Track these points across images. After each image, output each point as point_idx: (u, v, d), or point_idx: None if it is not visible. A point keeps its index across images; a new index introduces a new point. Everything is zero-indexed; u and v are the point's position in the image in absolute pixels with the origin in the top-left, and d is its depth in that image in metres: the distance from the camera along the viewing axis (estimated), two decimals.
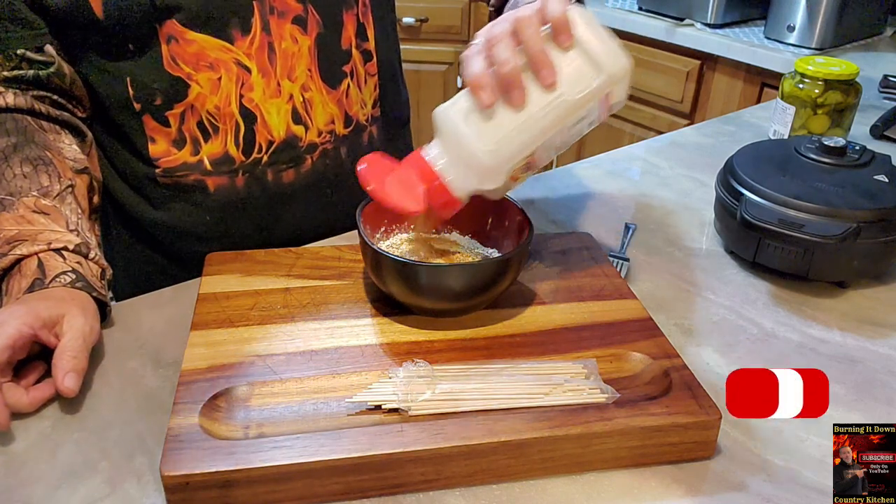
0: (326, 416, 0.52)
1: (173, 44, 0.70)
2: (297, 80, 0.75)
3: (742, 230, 0.74)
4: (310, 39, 0.75)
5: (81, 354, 0.56)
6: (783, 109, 1.03)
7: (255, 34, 0.71)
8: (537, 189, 0.93)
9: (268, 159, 0.77)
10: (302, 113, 0.77)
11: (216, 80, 0.72)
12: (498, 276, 0.61)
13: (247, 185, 0.78)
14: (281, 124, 0.76)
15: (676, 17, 1.85)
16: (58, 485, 0.50)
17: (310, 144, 0.79)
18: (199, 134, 0.74)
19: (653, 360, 0.58)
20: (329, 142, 0.80)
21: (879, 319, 0.70)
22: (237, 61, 0.72)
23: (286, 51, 0.74)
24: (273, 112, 0.75)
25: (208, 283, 0.66)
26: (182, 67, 0.71)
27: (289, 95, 0.76)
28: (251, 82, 0.73)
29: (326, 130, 0.79)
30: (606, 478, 0.52)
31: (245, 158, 0.76)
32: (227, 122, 0.74)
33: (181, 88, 0.72)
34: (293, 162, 0.79)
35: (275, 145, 0.77)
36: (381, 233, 0.69)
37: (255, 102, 0.74)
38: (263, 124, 0.75)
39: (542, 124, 0.56)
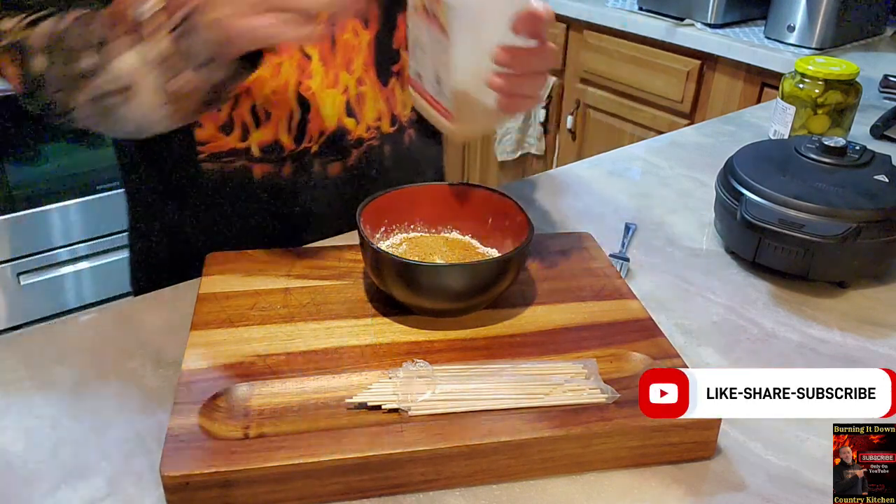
0: (326, 416, 0.52)
1: None
2: (354, 72, 0.76)
3: (742, 230, 0.74)
4: (370, 35, 0.75)
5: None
6: (783, 109, 1.03)
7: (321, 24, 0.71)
8: (537, 189, 0.93)
9: (317, 149, 0.77)
10: (354, 106, 0.77)
11: (276, 65, 0.71)
12: (498, 276, 0.61)
13: (293, 174, 0.77)
14: (333, 115, 0.76)
15: (676, 17, 1.85)
16: (58, 485, 0.50)
17: (357, 139, 0.79)
18: (250, 119, 0.74)
19: (653, 360, 0.58)
20: (375, 138, 0.80)
21: (879, 319, 0.70)
22: (300, 48, 0.72)
23: (347, 43, 0.74)
24: (328, 102, 0.75)
25: (208, 283, 0.66)
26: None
27: (344, 87, 0.76)
28: (311, 70, 0.73)
29: (374, 126, 0.80)
30: (606, 478, 0.52)
31: (295, 147, 0.76)
32: (282, 108, 0.74)
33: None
34: (340, 154, 0.79)
35: (325, 136, 0.77)
36: (381, 233, 0.69)
37: (311, 91, 0.74)
38: (317, 114, 0.75)
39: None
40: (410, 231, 0.71)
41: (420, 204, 0.70)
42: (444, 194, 0.71)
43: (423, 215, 0.71)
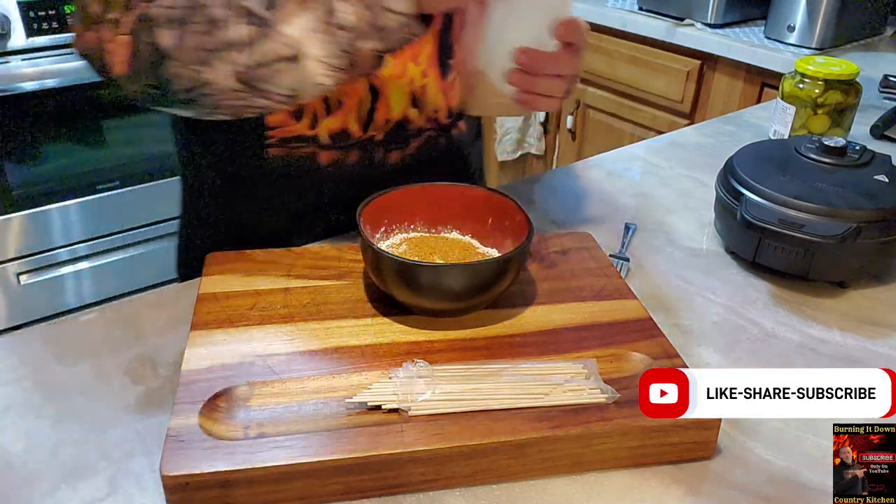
0: (326, 416, 0.52)
1: None
2: (420, 64, 0.78)
3: (742, 230, 0.74)
4: (434, 29, 0.77)
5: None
6: (783, 109, 1.03)
7: None
8: (537, 189, 0.93)
9: (381, 138, 0.79)
10: (419, 97, 0.79)
11: None
12: (498, 276, 0.61)
13: (359, 161, 0.79)
14: (399, 105, 0.78)
15: (676, 17, 1.85)
16: (58, 485, 0.50)
17: (418, 129, 0.81)
18: (322, 108, 0.75)
19: (653, 360, 0.58)
20: (433, 129, 0.82)
21: (879, 319, 0.70)
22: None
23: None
24: (396, 92, 0.77)
25: (208, 283, 0.66)
26: None
27: (411, 78, 0.78)
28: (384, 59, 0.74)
29: (433, 117, 0.82)
30: (606, 478, 0.52)
31: (363, 134, 0.78)
32: (354, 97, 0.76)
33: None
34: (401, 143, 0.81)
35: (390, 125, 0.79)
36: (381, 233, 0.69)
37: (382, 80, 0.76)
38: (385, 103, 0.77)
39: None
40: (410, 231, 0.71)
41: (420, 204, 0.70)
42: (444, 194, 0.71)
43: (423, 215, 0.71)
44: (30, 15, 1.83)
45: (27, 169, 1.96)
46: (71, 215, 2.06)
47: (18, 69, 1.84)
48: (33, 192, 1.98)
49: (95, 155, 2.06)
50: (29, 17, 1.83)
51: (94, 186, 2.07)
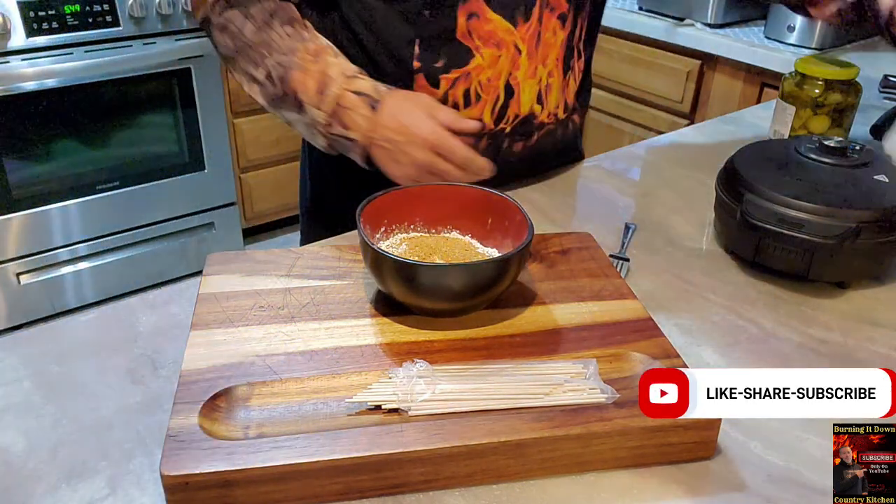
0: (326, 416, 0.52)
1: (474, 20, 0.80)
2: (548, 66, 0.87)
3: (742, 230, 0.74)
4: (564, 34, 0.86)
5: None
6: (783, 109, 1.03)
7: (532, 23, 0.83)
8: (537, 189, 0.93)
9: (510, 130, 0.87)
10: (543, 95, 0.88)
11: (496, 57, 0.82)
12: (498, 276, 0.61)
13: (486, 149, 0.86)
14: (528, 102, 0.87)
15: (676, 17, 1.85)
16: (58, 485, 0.50)
17: (540, 123, 0.89)
18: (461, 100, 0.84)
19: (653, 360, 0.58)
20: (553, 123, 0.91)
21: (879, 319, 0.70)
22: (515, 44, 0.83)
23: (547, 41, 0.85)
24: (527, 90, 0.86)
25: (208, 283, 0.66)
26: (474, 40, 0.81)
27: (539, 78, 0.86)
28: (520, 62, 0.84)
29: (553, 113, 0.90)
30: (606, 478, 0.52)
31: (494, 126, 0.86)
32: (491, 93, 0.84)
33: (465, 58, 0.82)
34: (526, 136, 0.89)
35: (518, 119, 0.87)
36: (381, 233, 0.69)
37: (517, 80, 0.85)
38: (517, 100, 0.86)
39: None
40: (410, 231, 0.71)
41: (420, 204, 0.70)
42: (444, 194, 0.71)
43: (423, 215, 0.71)
44: (30, 15, 1.83)
45: (27, 169, 1.96)
46: (71, 215, 2.06)
47: (18, 69, 1.84)
48: (33, 192, 1.98)
49: (95, 155, 2.06)
50: (29, 17, 1.83)
51: (94, 186, 2.07)
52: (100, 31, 1.93)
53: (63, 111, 1.95)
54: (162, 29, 2.02)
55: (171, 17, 2.01)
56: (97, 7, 1.91)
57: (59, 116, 1.96)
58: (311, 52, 0.76)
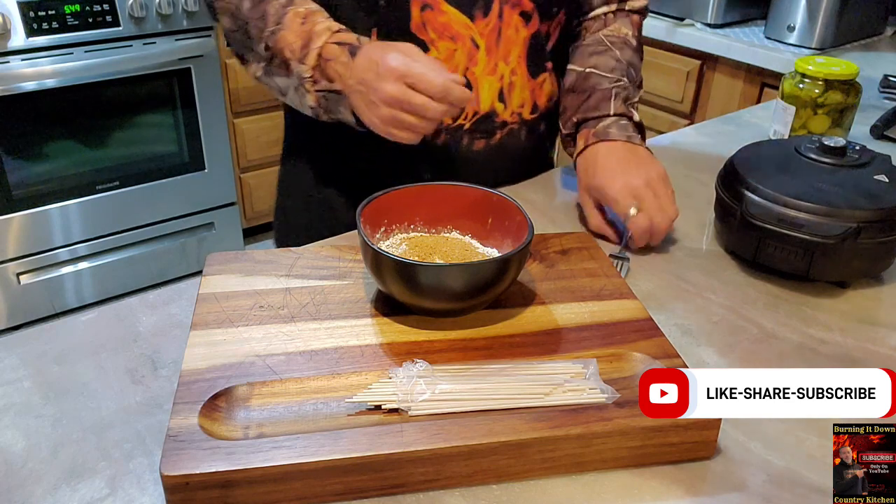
0: (326, 416, 0.52)
1: (427, 11, 0.79)
2: (510, 63, 0.85)
3: (742, 230, 0.74)
4: (528, 32, 0.85)
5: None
6: (783, 109, 1.03)
7: (492, 18, 0.82)
8: (537, 189, 0.93)
9: (469, 126, 0.86)
10: (506, 93, 0.86)
11: (452, 51, 0.81)
12: (498, 276, 0.61)
13: (445, 145, 0.86)
14: (488, 99, 0.85)
15: (676, 17, 1.85)
16: (58, 485, 0.50)
17: (502, 122, 0.88)
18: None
19: (653, 360, 0.58)
20: (517, 123, 0.89)
21: (879, 319, 0.70)
22: (472, 38, 0.81)
23: (509, 37, 0.83)
24: (486, 87, 0.84)
25: (208, 283, 0.66)
26: (429, 33, 0.80)
27: (500, 75, 0.85)
28: (477, 58, 0.82)
29: (517, 112, 0.88)
30: (606, 478, 0.52)
31: (451, 122, 0.85)
32: None
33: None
34: (487, 134, 0.87)
35: (478, 116, 0.86)
36: (381, 233, 0.69)
37: (475, 76, 0.83)
38: (475, 96, 0.84)
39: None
40: (410, 231, 0.71)
41: (420, 204, 0.70)
42: (444, 194, 0.71)
43: (423, 215, 0.71)
44: (30, 15, 1.83)
45: (27, 169, 1.96)
46: (71, 215, 2.06)
47: (18, 69, 1.84)
48: (33, 192, 1.98)
49: (95, 155, 2.06)
50: (29, 17, 1.83)
51: (94, 186, 2.07)
52: (100, 31, 1.93)
53: (63, 111, 1.95)
54: (162, 29, 2.01)
55: (171, 17, 2.01)
56: (97, 7, 1.91)
57: (59, 116, 1.96)
58: (301, 15, 0.76)
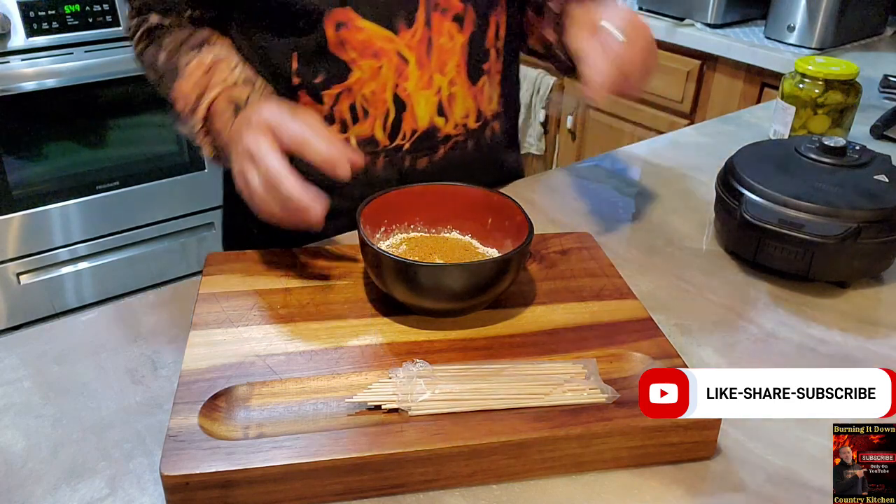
0: (326, 416, 0.52)
1: (343, 29, 0.73)
2: (447, 74, 0.79)
3: (742, 230, 0.74)
4: (464, 37, 0.79)
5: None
6: (783, 109, 1.03)
7: (418, 28, 0.76)
8: (537, 189, 0.93)
9: (409, 147, 0.81)
10: (445, 106, 0.81)
11: (377, 68, 0.76)
12: (498, 276, 0.61)
13: (385, 168, 0.81)
14: (426, 115, 0.80)
15: (676, 17, 1.85)
16: (58, 485, 0.50)
17: (445, 136, 0.82)
18: (349, 117, 0.77)
19: (653, 360, 0.58)
20: (462, 134, 0.84)
21: (879, 319, 0.70)
22: (398, 52, 0.76)
23: (442, 46, 0.78)
24: (422, 102, 0.79)
25: (208, 283, 0.66)
26: (348, 52, 0.74)
27: (437, 88, 0.79)
28: (407, 73, 0.77)
29: (461, 123, 0.83)
30: (606, 478, 0.52)
31: (389, 143, 0.80)
32: (379, 107, 0.78)
33: (343, 72, 0.75)
34: (429, 151, 0.82)
35: (417, 134, 0.80)
36: (381, 233, 0.69)
37: (407, 92, 0.78)
38: (411, 113, 0.79)
39: None
40: (410, 231, 0.71)
41: (420, 204, 0.70)
42: (444, 194, 0.71)
43: (423, 215, 0.71)
44: (30, 15, 1.83)
45: (27, 169, 1.96)
46: (71, 215, 2.06)
47: (18, 69, 1.84)
48: (33, 192, 1.98)
49: (95, 155, 2.06)
50: (29, 17, 1.83)
51: (94, 186, 2.07)
52: (100, 31, 1.93)
53: (63, 111, 1.95)
54: None
55: None
56: (97, 7, 1.91)
57: (60, 116, 1.96)
58: (206, 65, 0.72)
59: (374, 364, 0.57)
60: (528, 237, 0.62)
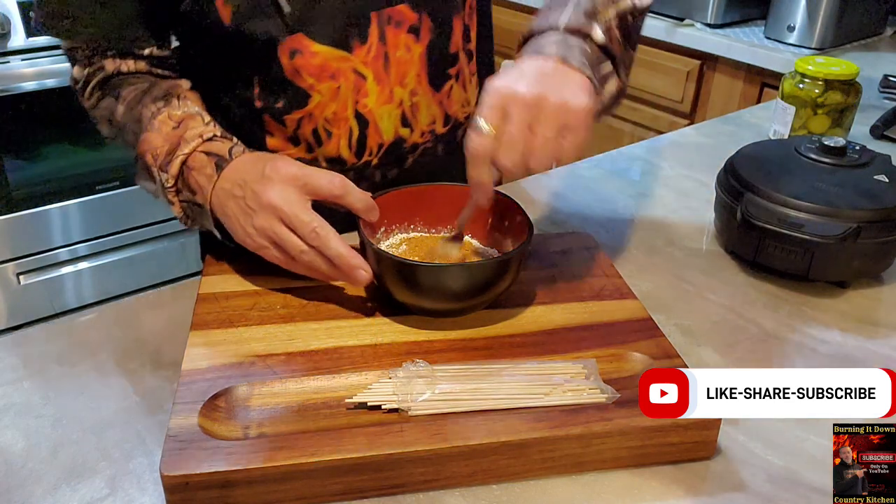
0: (326, 416, 0.52)
1: (297, 57, 0.71)
2: (407, 86, 0.77)
3: (742, 230, 0.74)
4: (422, 47, 0.77)
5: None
6: (783, 109, 1.03)
7: (372, 44, 0.74)
8: (537, 189, 0.93)
9: (377, 162, 0.79)
10: (409, 117, 0.79)
11: (336, 89, 0.74)
12: (498, 276, 0.61)
13: (355, 182, 0.77)
14: (390, 128, 0.78)
15: (676, 17, 1.85)
16: (58, 485, 0.50)
17: (413, 145, 0.81)
18: (312, 140, 0.76)
19: (653, 360, 0.58)
20: (429, 141, 0.82)
21: (879, 319, 0.70)
22: (354, 69, 0.74)
23: (400, 59, 0.76)
24: (385, 117, 0.77)
25: (208, 283, 0.66)
26: (305, 79, 0.73)
27: (399, 101, 0.77)
28: (366, 89, 0.75)
29: (428, 130, 0.81)
30: (606, 478, 0.52)
31: (356, 160, 0.78)
32: (342, 126, 0.76)
33: (302, 98, 0.74)
34: (398, 162, 0.81)
35: (384, 148, 0.79)
36: (381, 233, 0.69)
37: (368, 108, 0.76)
38: (375, 129, 0.77)
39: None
40: (410, 231, 0.71)
41: (420, 204, 0.70)
42: (444, 194, 0.71)
43: (423, 215, 0.71)
44: (30, 15, 1.83)
45: (27, 169, 1.96)
46: (71, 215, 2.06)
47: (18, 69, 1.84)
48: (33, 192, 1.98)
49: (95, 155, 2.06)
50: (29, 17, 1.83)
51: (94, 186, 2.07)
52: None
53: (63, 111, 1.95)
54: None
55: None
56: None
57: (60, 116, 1.95)
58: (176, 118, 0.69)
59: (374, 364, 0.57)
60: (528, 237, 0.62)
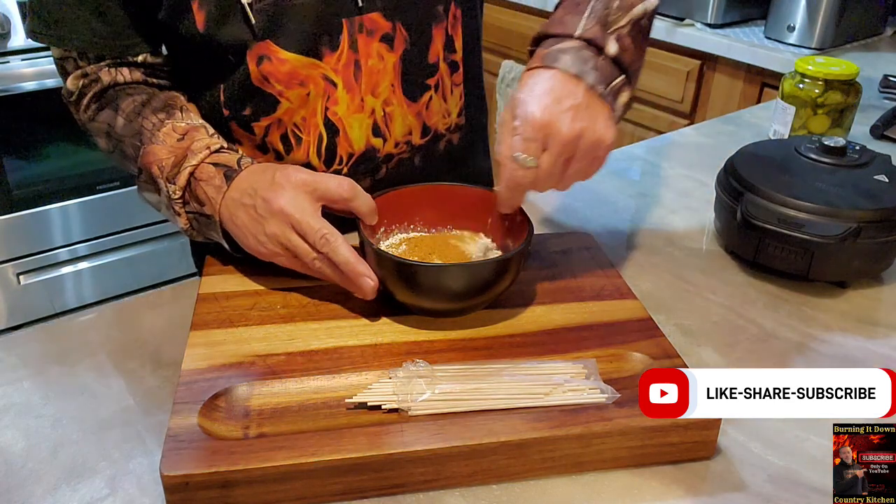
0: (326, 416, 0.52)
1: (265, 63, 0.71)
2: (380, 95, 0.76)
3: (742, 230, 0.74)
4: (395, 57, 0.76)
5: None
6: (783, 109, 1.03)
7: (343, 51, 0.73)
8: None
9: (347, 171, 0.78)
10: (382, 127, 0.78)
11: (304, 95, 0.73)
12: (498, 276, 0.61)
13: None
14: (361, 138, 0.77)
15: (676, 17, 1.85)
16: (58, 485, 0.50)
17: (386, 155, 0.80)
18: (281, 146, 0.75)
19: (653, 360, 0.58)
20: (405, 152, 0.81)
21: (879, 319, 0.70)
22: (324, 76, 0.73)
23: (372, 68, 0.75)
24: (355, 126, 0.76)
25: (208, 283, 0.66)
26: (274, 86, 0.72)
27: (371, 110, 0.76)
28: (336, 97, 0.74)
29: (403, 141, 0.80)
30: (606, 478, 0.52)
31: (326, 169, 0.77)
32: (311, 132, 0.75)
33: (271, 104, 0.73)
34: (370, 172, 0.80)
35: (354, 157, 0.78)
36: (381, 233, 0.69)
37: (338, 116, 0.75)
38: (345, 137, 0.76)
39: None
40: (410, 231, 0.71)
41: (420, 204, 0.70)
42: (444, 194, 0.71)
43: (423, 215, 0.71)
44: None
45: (27, 169, 1.96)
46: (71, 215, 2.06)
47: (18, 69, 1.84)
48: (33, 192, 1.98)
49: (95, 155, 2.05)
50: None
51: (94, 186, 2.07)
52: None
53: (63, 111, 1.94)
54: None
55: None
56: None
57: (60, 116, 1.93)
58: (180, 130, 0.69)
59: (374, 364, 0.57)
60: (528, 237, 0.62)
